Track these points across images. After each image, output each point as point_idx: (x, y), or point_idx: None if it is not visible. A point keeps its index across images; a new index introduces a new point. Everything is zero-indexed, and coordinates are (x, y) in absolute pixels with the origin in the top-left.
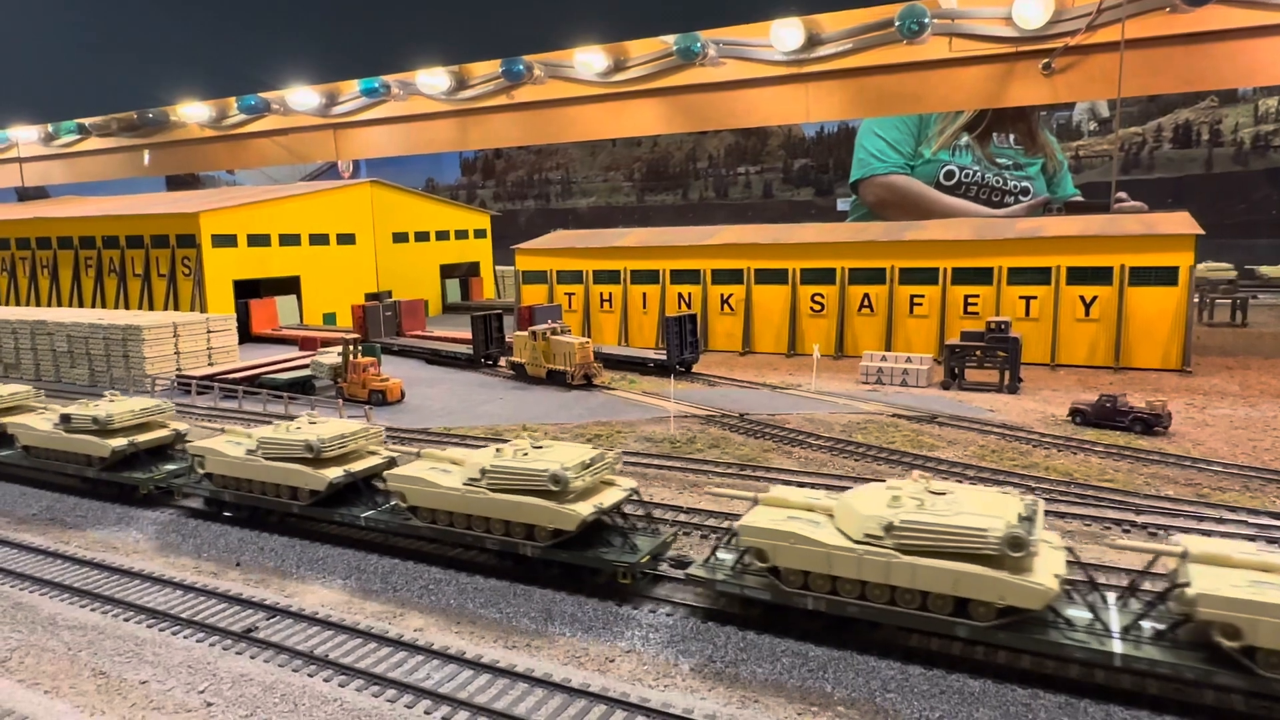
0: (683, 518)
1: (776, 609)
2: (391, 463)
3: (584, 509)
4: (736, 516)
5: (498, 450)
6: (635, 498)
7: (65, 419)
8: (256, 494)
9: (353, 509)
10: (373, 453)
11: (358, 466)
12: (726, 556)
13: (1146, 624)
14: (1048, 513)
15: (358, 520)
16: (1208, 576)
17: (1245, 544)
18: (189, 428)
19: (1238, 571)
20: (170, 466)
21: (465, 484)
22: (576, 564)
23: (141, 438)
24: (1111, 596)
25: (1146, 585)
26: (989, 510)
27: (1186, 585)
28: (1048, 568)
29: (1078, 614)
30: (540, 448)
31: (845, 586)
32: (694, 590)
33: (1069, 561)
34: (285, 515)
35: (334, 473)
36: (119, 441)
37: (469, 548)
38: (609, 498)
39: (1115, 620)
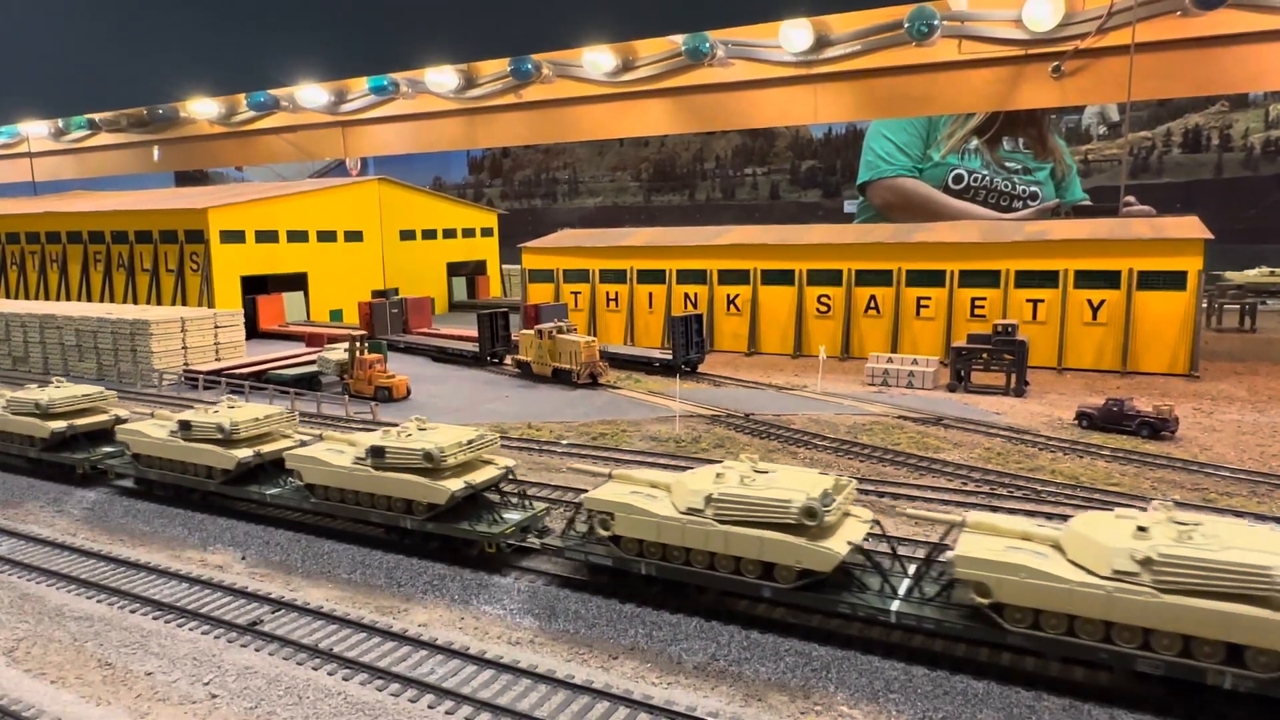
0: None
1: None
2: (508, 473)
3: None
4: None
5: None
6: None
7: (185, 426)
8: (366, 507)
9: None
10: (488, 462)
11: (480, 478)
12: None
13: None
14: (1052, 515)
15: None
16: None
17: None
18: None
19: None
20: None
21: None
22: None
23: (267, 448)
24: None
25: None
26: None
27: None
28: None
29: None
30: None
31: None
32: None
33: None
34: (400, 533)
35: (456, 484)
36: (245, 453)
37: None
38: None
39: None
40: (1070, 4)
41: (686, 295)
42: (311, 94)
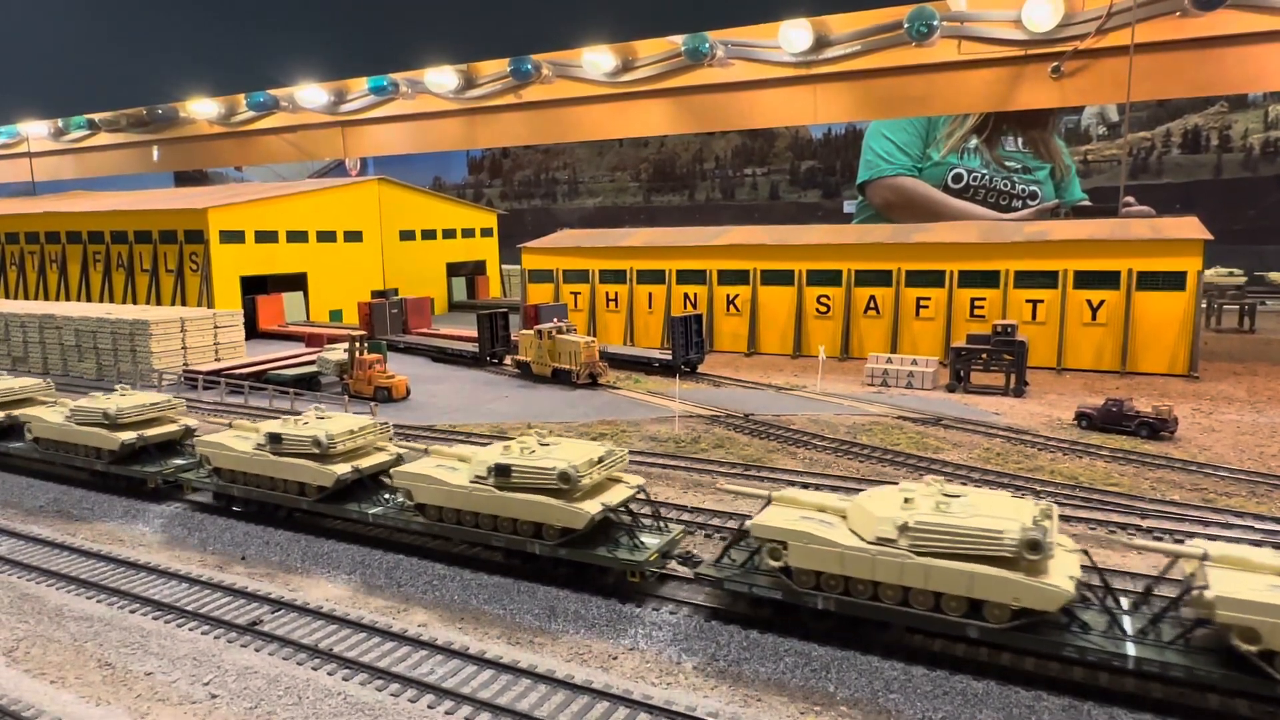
0: (686, 516)
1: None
2: (639, 491)
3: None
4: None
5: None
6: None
7: (274, 439)
8: (487, 530)
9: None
10: (616, 479)
11: (614, 499)
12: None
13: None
14: None
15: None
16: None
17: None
18: (401, 452)
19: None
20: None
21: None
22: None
23: (365, 463)
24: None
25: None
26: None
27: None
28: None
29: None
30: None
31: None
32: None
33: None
34: (523, 557)
35: (593, 507)
36: (343, 468)
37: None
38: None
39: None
40: (1070, 4)
41: (686, 295)
42: (311, 94)
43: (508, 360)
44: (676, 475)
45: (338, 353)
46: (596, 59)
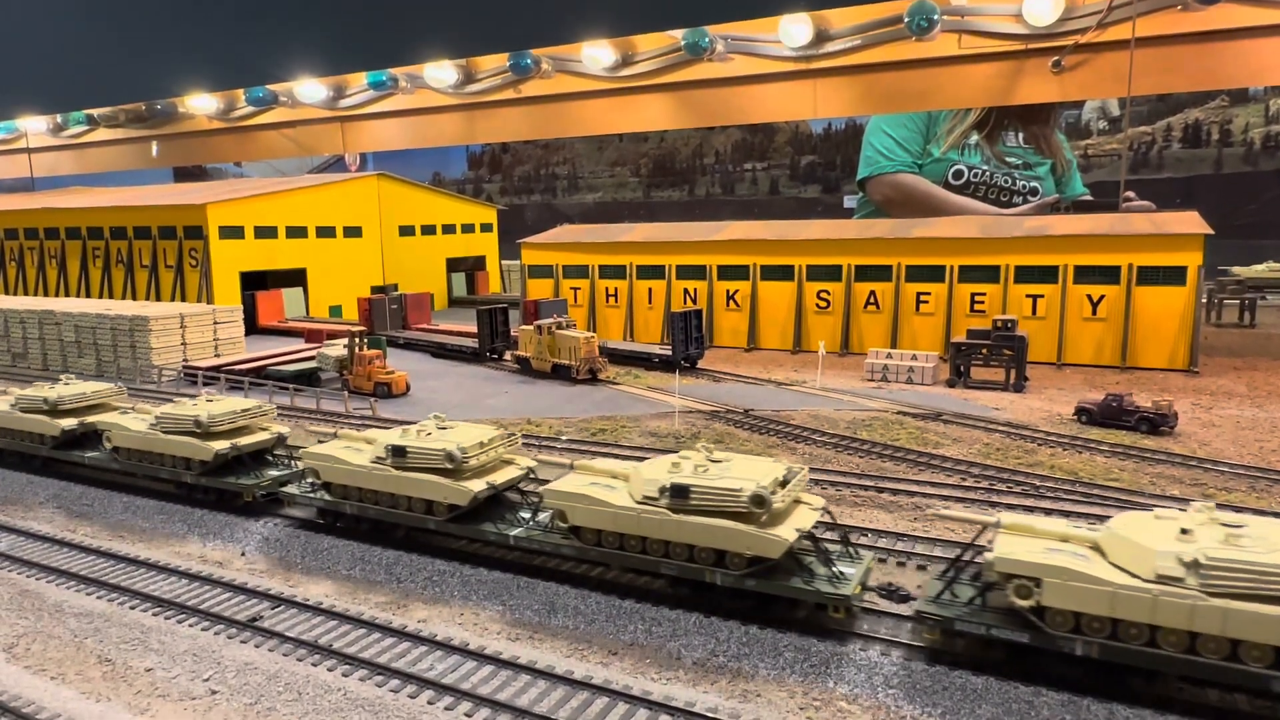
0: None
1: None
2: (824, 512)
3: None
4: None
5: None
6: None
7: (398, 452)
8: (657, 557)
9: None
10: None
11: (806, 523)
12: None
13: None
14: (1050, 511)
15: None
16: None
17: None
18: (531, 464)
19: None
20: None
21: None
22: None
23: (499, 478)
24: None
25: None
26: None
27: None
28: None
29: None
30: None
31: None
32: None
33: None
34: (698, 587)
35: (788, 533)
36: (478, 485)
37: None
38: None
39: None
40: None
41: (686, 291)
42: (310, 89)
43: (507, 356)
44: None
45: (337, 348)
46: (596, 54)
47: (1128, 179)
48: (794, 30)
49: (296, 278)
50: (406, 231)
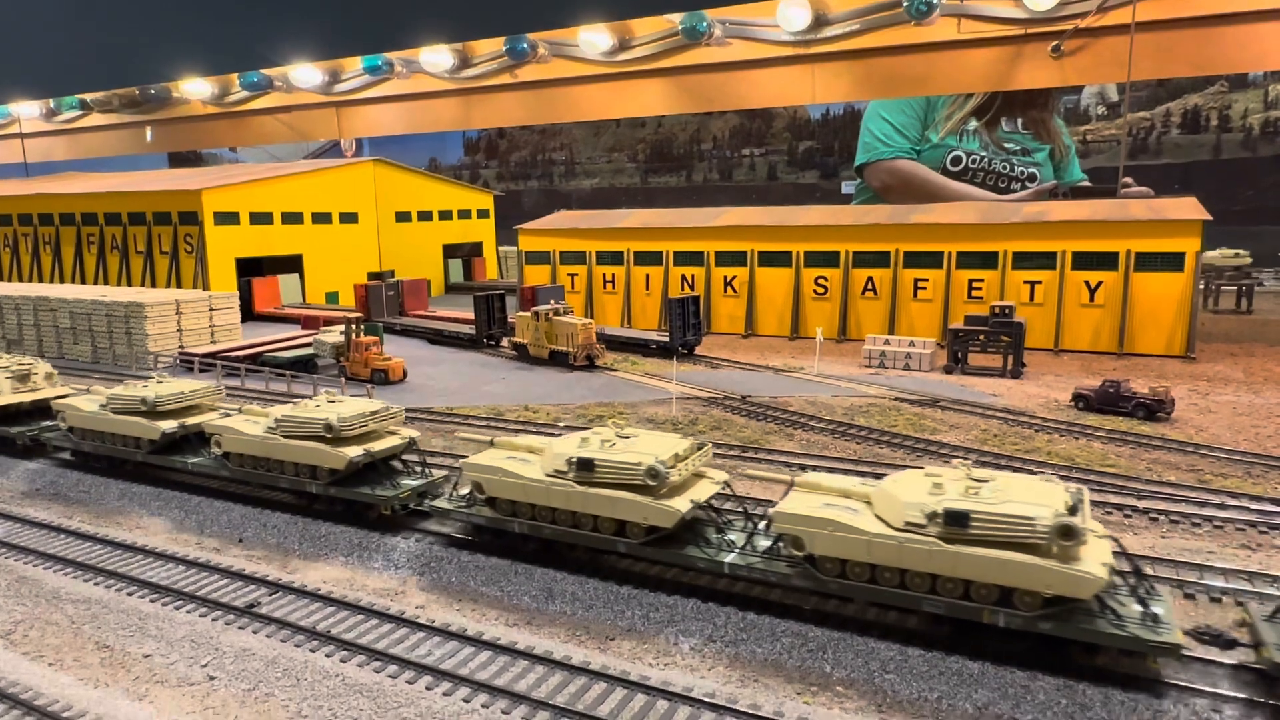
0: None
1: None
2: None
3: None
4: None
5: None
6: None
7: (584, 465)
8: (920, 594)
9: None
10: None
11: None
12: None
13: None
14: None
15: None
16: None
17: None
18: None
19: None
20: None
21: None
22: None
23: (699, 493)
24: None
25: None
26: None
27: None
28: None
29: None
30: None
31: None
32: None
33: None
34: (982, 630)
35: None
36: (682, 504)
37: None
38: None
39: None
40: None
41: (683, 277)
42: (305, 74)
43: (504, 342)
44: None
45: (334, 335)
46: (593, 38)
47: (1126, 165)
48: (792, 14)
49: (293, 264)
50: (403, 217)
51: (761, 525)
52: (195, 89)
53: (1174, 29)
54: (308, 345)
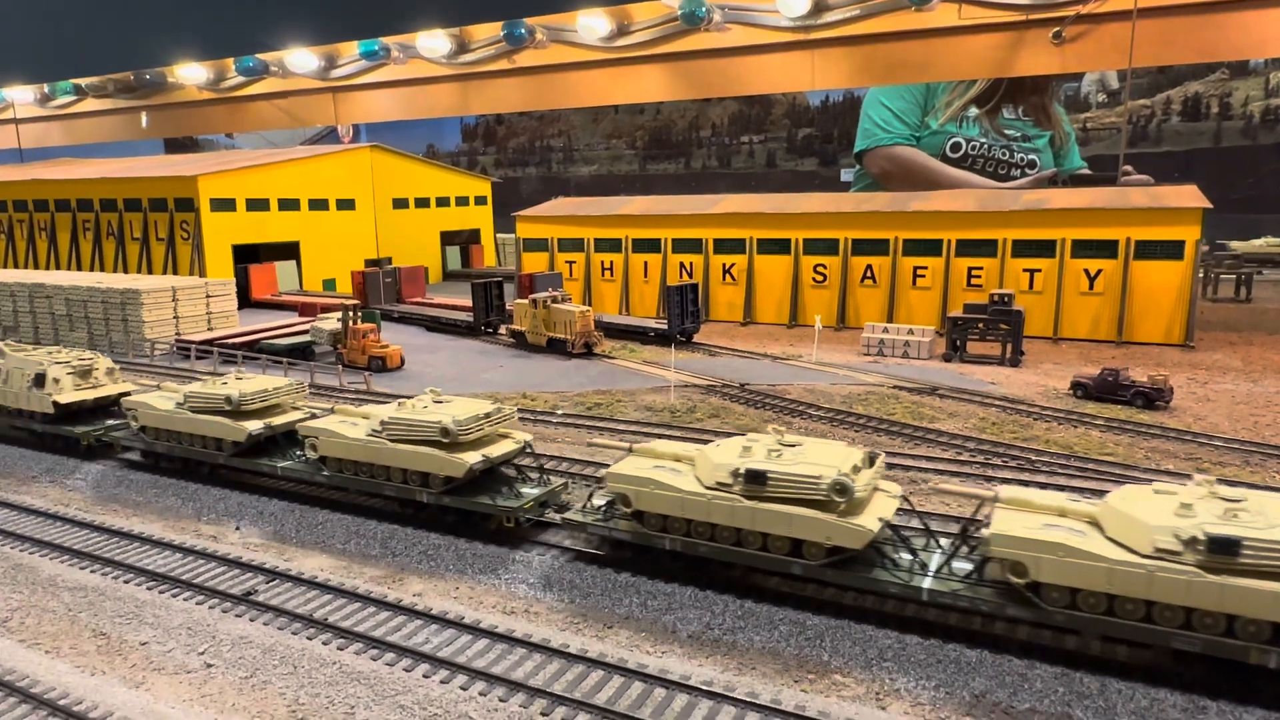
0: None
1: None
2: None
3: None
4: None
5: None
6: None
7: (756, 478)
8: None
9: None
10: None
11: None
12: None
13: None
14: (1045, 485)
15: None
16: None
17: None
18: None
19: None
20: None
21: None
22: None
23: (881, 509)
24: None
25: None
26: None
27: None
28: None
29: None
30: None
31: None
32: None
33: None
34: None
35: None
36: (871, 523)
37: None
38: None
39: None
40: None
41: (682, 264)
42: (301, 59)
43: (502, 330)
44: None
45: (331, 322)
46: (591, 23)
47: (1127, 152)
48: (792, 0)
49: (289, 251)
50: (400, 204)
51: (963, 547)
52: (191, 74)
53: (1175, 15)
54: (305, 332)
